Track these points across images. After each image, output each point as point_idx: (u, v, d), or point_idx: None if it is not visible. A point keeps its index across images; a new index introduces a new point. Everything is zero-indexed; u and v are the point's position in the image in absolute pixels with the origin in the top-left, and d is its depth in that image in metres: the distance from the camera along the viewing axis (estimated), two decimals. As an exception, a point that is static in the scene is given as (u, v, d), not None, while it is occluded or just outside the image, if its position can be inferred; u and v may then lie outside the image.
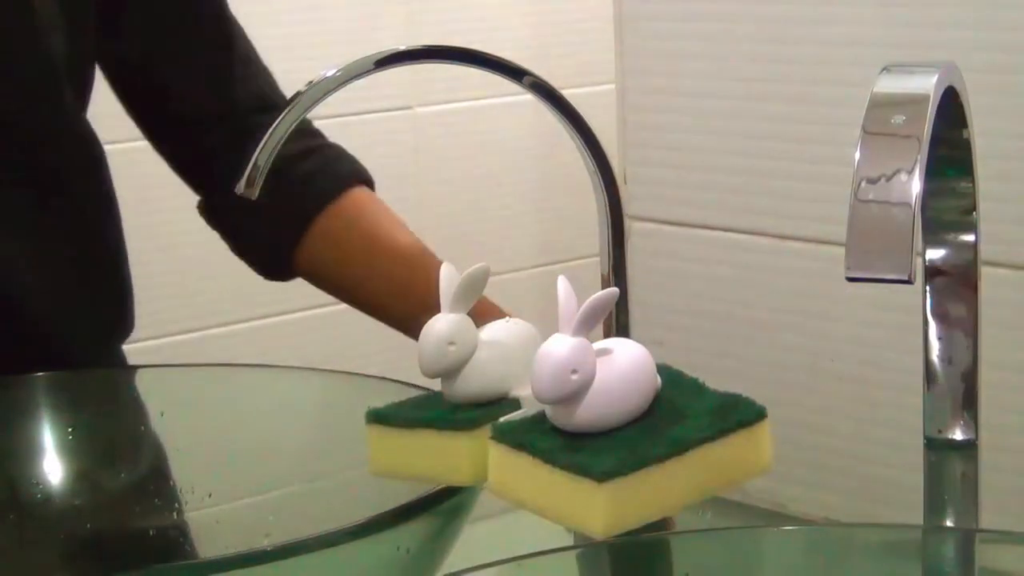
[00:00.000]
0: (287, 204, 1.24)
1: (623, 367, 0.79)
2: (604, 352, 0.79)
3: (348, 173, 1.28)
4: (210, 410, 1.11)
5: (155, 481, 1.02)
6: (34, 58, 1.17)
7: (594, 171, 1.10)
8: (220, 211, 1.28)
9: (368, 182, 1.29)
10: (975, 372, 0.92)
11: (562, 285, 0.80)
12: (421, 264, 1.21)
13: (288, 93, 1.02)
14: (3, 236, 1.16)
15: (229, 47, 1.27)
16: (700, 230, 1.70)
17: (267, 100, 1.27)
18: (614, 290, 0.79)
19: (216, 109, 1.26)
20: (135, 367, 1.23)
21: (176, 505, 1.06)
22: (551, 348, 0.78)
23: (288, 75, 1.29)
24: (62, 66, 1.18)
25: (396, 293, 1.22)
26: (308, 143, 1.28)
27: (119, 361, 1.27)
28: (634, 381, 0.80)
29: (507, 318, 0.91)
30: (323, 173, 1.26)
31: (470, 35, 1.61)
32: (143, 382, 1.15)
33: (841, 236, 0.74)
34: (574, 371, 0.78)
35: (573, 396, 0.78)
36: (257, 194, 1.00)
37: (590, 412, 0.78)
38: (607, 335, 1.06)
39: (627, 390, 0.79)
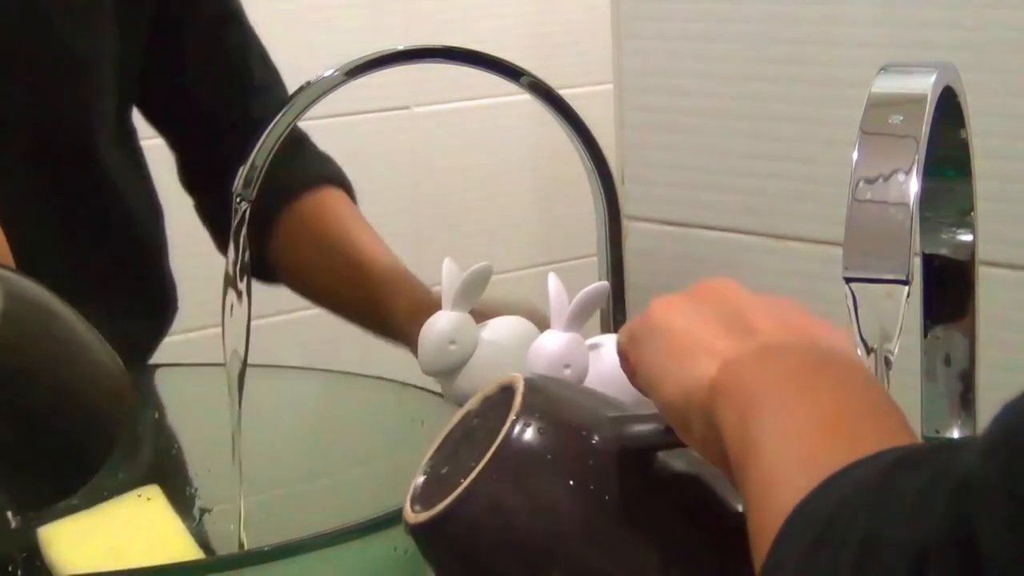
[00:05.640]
0: (258, 203, 1.25)
1: (616, 361, 0.79)
2: (596, 347, 0.79)
3: (317, 174, 1.29)
4: (209, 410, 1.11)
5: (153, 481, 1.02)
6: (89, 57, 1.18)
7: (592, 171, 1.10)
8: (211, 210, 1.29)
9: (343, 184, 1.30)
10: (973, 372, 0.92)
11: (553, 282, 0.80)
12: (371, 265, 1.21)
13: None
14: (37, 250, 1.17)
15: (247, 68, 1.28)
16: (697, 230, 1.70)
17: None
18: (604, 284, 0.80)
19: (230, 122, 1.27)
20: (130, 365, 1.23)
21: (174, 505, 1.06)
22: (543, 343, 0.78)
23: (286, 75, 1.29)
24: (113, 69, 1.19)
25: (344, 288, 1.23)
26: (290, 150, 1.28)
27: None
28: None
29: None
30: (292, 173, 1.27)
31: (468, 35, 1.61)
32: (141, 382, 1.15)
33: (839, 236, 0.74)
34: (567, 365, 0.78)
35: (567, 390, 0.78)
36: (254, 195, 1.01)
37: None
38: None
39: (620, 384, 0.79)
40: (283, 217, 1.27)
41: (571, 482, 0.61)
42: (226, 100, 1.28)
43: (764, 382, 0.56)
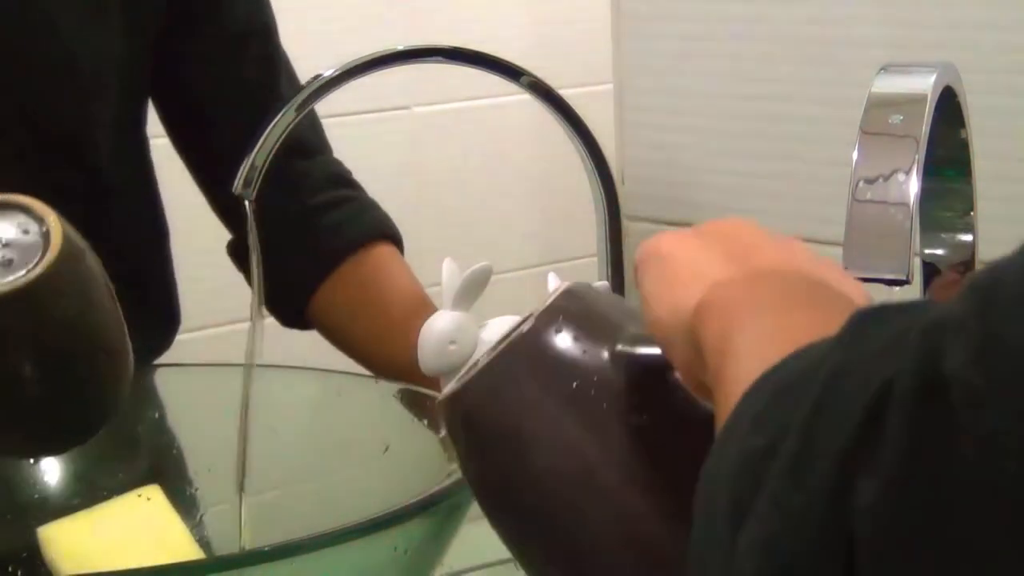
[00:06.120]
0: (310, 251, 1.24)
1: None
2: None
3: (373, 227, 1.27)
4: (209, 410, 1.11)
5: (153, 481, 1.02)
6: (94, 56, 1.17)
7: (592, 171, 1.10)
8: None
9: (394, 238, 1.28)
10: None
11: (553, 282, 0.80)
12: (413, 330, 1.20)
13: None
14: None
15: (274, 82, 1.27)
16: (698, 230, 1.70)
17: (308, 145, 1.27)
18: (604, 284, 0.79)
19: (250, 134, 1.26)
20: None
21: (174, 505, 1.06)
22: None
23: (286, 75, 1.29)
24: (116, 69, 1.19)
25: (398, 355, 1.21)
26: (343, 193, 1.28)
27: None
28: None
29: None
30: (348, 224, 1.26)
31: (468, 35, 1.61)
32: (141, 382, 1.15)
33: (839, 236, 0.74)
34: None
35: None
36: (254, 195, 1.00)
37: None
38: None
39: None
40: (330, 277, 1.25)
41: (574, 384, 0.63)
42: (250, 113, 1.26)
43: (747, 301, 0.57)
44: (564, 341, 0.64)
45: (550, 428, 0.63)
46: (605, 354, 0.63)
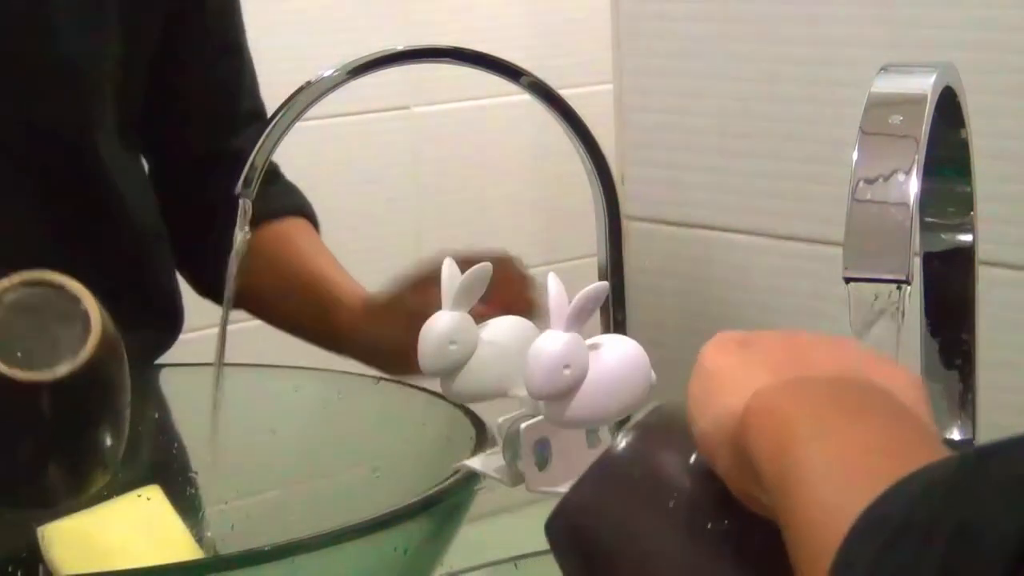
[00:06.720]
0: (222, 234, 1.26)
1: (615, 362, 0.79)
2: (596, 347, 0.79)
3: (281, 206, 1.30)
4: (209, 410, 1.11)
5: (153, 481, 1.02)
6: (94, 59, 1.18)
7: (591, 171, 1.10)
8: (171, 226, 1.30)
9: (306, 214, 1.32)
10: (972, 372, 0.92)
11: (552, 282, 0.80)
12: (320, 282, 1.25)
13: (286, 93, 1.02)
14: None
15: (235, 99, 1.29)
16: (697, 230, 1.70)
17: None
18: (604, 284, 0.79)
19: (216, 149, 1.28)
20: (133, 367, 1.23)
21: (174, 505, 1.06)
22: (543, 344, 0.78)
23: (286, 75, 1.29)
24: (115, 73, 1.20)
25: (300, 312, 1.27)
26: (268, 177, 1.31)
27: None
28: (627, 375, 0.79)
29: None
30: (267, 200, 1.28)
31: (468, 35, 1.61)
32: (141, 382, 1.15)
33: (839, 236, 0.74)
34: (567, 366, 0.78)
35: (566, 391, 0.78)
36: (254, 195, 1.01)
37: (583, 406, 0.78)
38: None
39: (620, 384, 0.79)
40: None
41: (656, 495, 0.64)
42: (211, 129, 1.29)
43: (798, 409, 0.57)
44: (645, 455, 0.66)
45: (632, 540, 0.64)
46: (683, 464, 0.65)
